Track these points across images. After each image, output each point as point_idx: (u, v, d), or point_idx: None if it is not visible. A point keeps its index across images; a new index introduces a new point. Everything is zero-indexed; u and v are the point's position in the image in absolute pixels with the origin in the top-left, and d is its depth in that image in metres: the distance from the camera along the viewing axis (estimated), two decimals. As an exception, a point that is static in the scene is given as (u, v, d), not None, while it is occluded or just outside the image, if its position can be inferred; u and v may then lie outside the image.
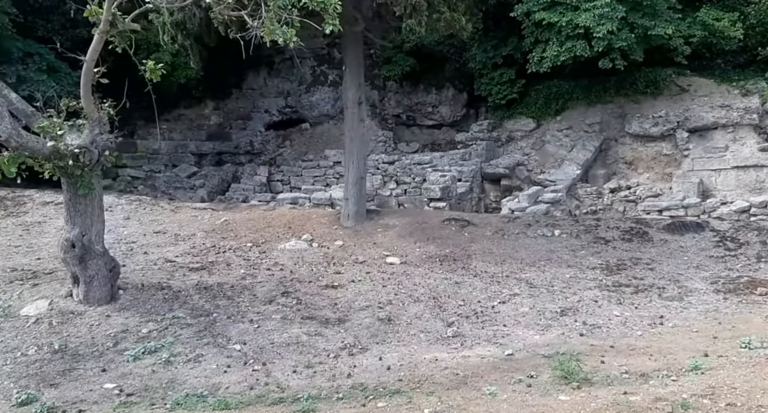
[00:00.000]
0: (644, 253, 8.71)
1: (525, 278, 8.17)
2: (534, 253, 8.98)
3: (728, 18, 16.05)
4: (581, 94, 18.10)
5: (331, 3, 5.64)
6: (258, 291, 7.94)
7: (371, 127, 19.49)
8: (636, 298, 7.28)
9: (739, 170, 15.03)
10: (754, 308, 6.59)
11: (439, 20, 9.42)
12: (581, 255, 8.85)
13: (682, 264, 8.19)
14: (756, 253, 8.23)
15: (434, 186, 14.40)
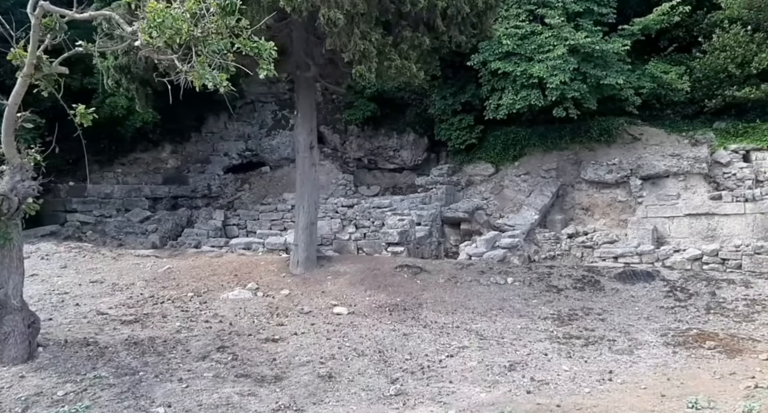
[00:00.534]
0: (596, 303, 8.57)
1: (475, 329, 7.89)
2: (486, 302, 8.75)
3: (675, 71, 16.77)
4: (538, 140, 18.46)
5: (265, 48, 5.51)
6: (192, 346, 7.42)
7: (331, 170, 19.39)
8: (586, 351, 7.06)
9: (691, 218, 15.31)
10: (703, 363, 6.43)
11: (390, 68, 9.45)
12: (533, 304, 8.65)
13: (633, 315, 8.06)
14: (705, 304, 8.16)
15: (392, 230, 14.18)
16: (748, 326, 7.28)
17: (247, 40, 5.44)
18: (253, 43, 5.48)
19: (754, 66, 15.44)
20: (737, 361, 6.35)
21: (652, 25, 17.01)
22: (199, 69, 5.34)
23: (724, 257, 12.34)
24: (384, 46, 9.42)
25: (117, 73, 9.33)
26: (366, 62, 8.77)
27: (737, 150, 15.79)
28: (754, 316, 7.64)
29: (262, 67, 5.58)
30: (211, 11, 5.19)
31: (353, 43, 8.54)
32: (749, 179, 15.42)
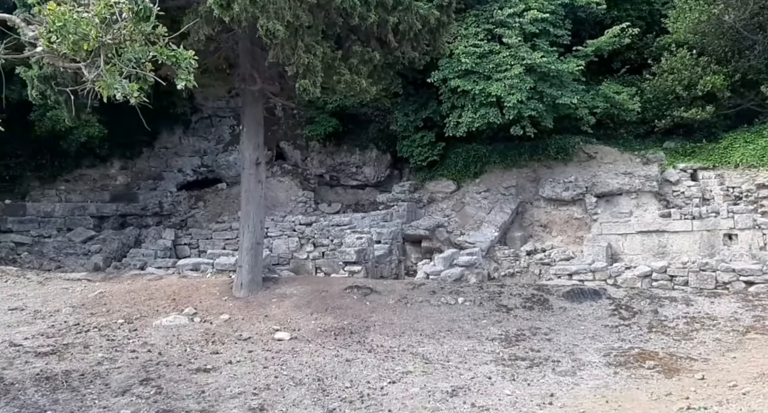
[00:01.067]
0: (544, 322, 8.37)
1: (422, 352, 7.54)
2: (435, 323, 8.43)
3: (627, 92, 17.06)
4: (498, 158, 18.48)
5: (184, 57, 5.12)
6: (112, 379, 6.82)
7: (291, 187, 18.94)
8: (530, 373, 6.79)
9: (643, 235, 15.42)
10: (642, 383, 6.25)
11: (339, 82, 9.17)
12: (482, 325, 8.39)
13: (578, 334, 7.88)
14: (648, 322, 8.05)
15: (349, 249, 13.80)
16: (687, 344, 7.17)
17: (163, 48, 5.05)
18: (170, 51, 5.09)
19: (700, 88, 15.83)
20: (674, 381, 6.20)
21: (604, 46, 17.32)
22: (107, 78, 4.91)
23: (672, 273, 12.40)
24: (333, 60, 9.16)
25: (41, 83, 8.74)
26: (311, 76, 8.47)
27: (685, 169, 16.09)
28: (692, 334, 7.54)
29: (181, 78, 5.19)
30: (124, 17, 4.79)
31: (297, 57, 8.24)
32: (696, 197, 15.69)
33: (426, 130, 18.87)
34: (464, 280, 13.29)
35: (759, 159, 15.43)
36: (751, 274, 11.79)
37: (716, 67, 16.19)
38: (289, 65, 8.46)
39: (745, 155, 15.70)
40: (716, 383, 5.79)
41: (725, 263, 12.06)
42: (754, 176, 15.26)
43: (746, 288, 11.78)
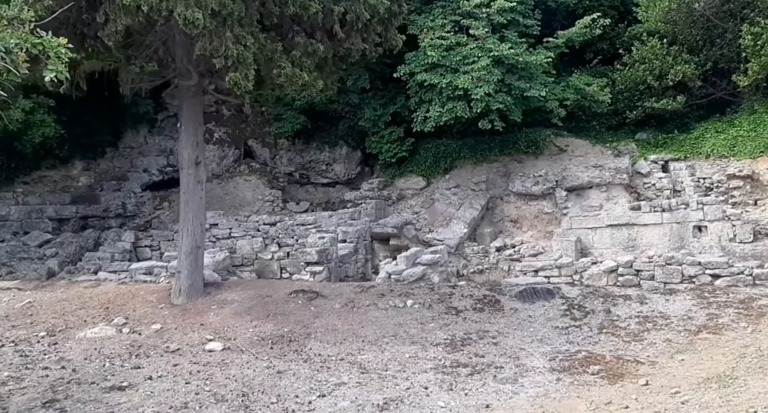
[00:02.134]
0: (493, 324, 7.89)
1: (360, 361, 7.01)
2: (381, 328, 7.92)
3: (597, 83, 16.53)
4: (468, 152, 17.91)
5: (52, 45, 4.52)
6: (13, 402, 6.23)
7: (258, 186, 18.32)
8: (470, 381, 6.29)
9: (613, 229, 14.93)
10: (583, 390, 5.77)
11: (280, 76, 8.54)
12: (429, 329, 7.89)
13: (527, 337, 7.40)
14: (599, 323, 7.56)
15: (311, 249, 13.23)
16: (636, 346, 6.72)
17: (27, 34, 4.43)
18: (36, 39, 4.48)
19: (671, 78, 15.34)
20: (617, 388, 5.72)
21: (575, 37, 16.77)
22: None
23: (638, 268, 11.95)
24: (273, 53, 8.53)
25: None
26: (242, 69, 7.86)
27: (656, 160, 15.61)
28: (643, 335, 7.09)
29: (49, 68, 4.58)
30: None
31: (225, 48, 7.63)
32: (667, 189, 15.21)
33: (395, 125, 18.33)
34: (426, 279, 12.73)
35: (730, 149, 14.97)
36: (717, 267, 11.36)
37: (687, 57, 15.70)
38: (216, 57, 7.83)
39: (716, 145, 15.25)
40: (659, 389, 5.31)
41: (691, 257, 11.63)
42: (724, 167, 14.81)
43: (712, 282, 11.37)
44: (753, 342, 5.88)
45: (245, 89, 8.07)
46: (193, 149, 9.57)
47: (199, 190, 9.58)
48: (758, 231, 13.52)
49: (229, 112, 20.18)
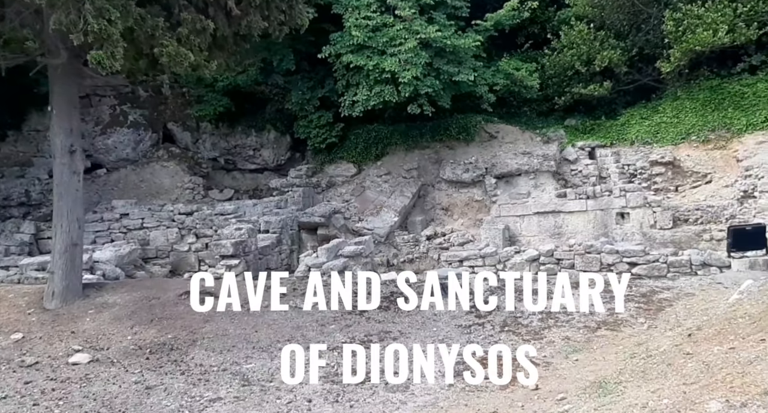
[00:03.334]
0: (397, 324, 7.47)
1: (245, 370, 6.43)
2: (277, 331, 7.36)
3: (526, 68, 16.23)
4: (399, 139, 17.39)
5: None
6: None
7: (177, 172, 17.19)
8: (358, 391, 5.84)
9: (540, 216, 14.87)
10: (473, 398, 5.44)
11: (162, 54, 7.64)
12: (329, 331, 7.39)
13: (429, 337, 7.07)
14: (503, 320, 7.28)
15: (226, 241, 12.38)
16: (535, 345, 6.49)
17: None
18: None
19: (597, 64, 15.27)
20: (507, 393, 5.43)
21: (504, 20, 16.39)
22: None
23: (559, 257, 11.89)
24: (154, 29, 7.59)
25: None
26: (109, 47, 6.93)
27: (584, 147, 15.59)
28: (544, 333, 6.86)
29: None
30: None
31: (84, 22, 6.67)
32: (593, 176, 15.25)
33: (323, 109, 17.53)
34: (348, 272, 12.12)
35: (653, 136, 15.12)
36: (634, 255, 11.42)
37: (614, 42, 15.66)
38: (75, 33, 6.88)
39: (641, 131, 15.36)
40: (547, 395, 5.03)
41: (609, 246, 11.64)
42: (648, 153, 14.96)
43: (629, 269, 11.37)
44: (647, 339, 5.71)
45: (112, 69, 7.17)
46: (67, 135, 8.56)
47: (76, 181, 8.62)
48: (678, 217, 13.75)
49: (146, 92, 18.77)
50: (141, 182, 16.92)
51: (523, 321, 7.22)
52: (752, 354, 3.66)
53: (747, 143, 13.07)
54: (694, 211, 13.34)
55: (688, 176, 14.43)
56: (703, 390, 3.36)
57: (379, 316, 7.71)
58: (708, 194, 13.51)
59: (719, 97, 14.09)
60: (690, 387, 3.52)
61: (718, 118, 13.85)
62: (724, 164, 13.55)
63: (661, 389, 3.77)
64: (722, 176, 13.49)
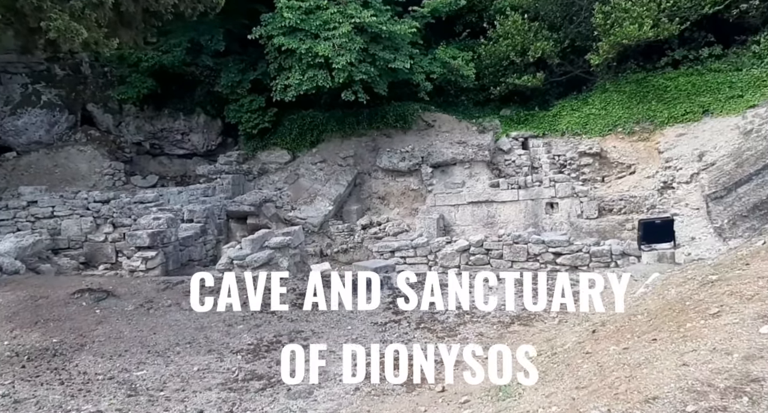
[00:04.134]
0: (310, 323, 7.16)
1: (134, 379, 5.90)
2: (178, 334, 6.87)
3: (463, 57, 16.12)
4: (336, 125, 16.94)
5: None
6: None
7: (95, 157, 16.10)
8: (257, 399, 5.48)
9: (474, 206, 14.90)
10: (377, 402, 5.23)
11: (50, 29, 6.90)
12: (235, 332, 6.96)
13: (343, 336, 6.79)
14: (420, 316, 7.08)
15: (141, 232, 11.56)
16: (447, 343, 6.27)
17: None
18: None
19: (531, 54, 15.34)
20: (413, 396, 5.25)
21: (440, 8, 16.20)
22: None
23: (488, 247, 11.93)
24: (41, 1, 6.79)
25: None
26: (-15, 18, 6.17)
27: (517, 137, 15.71)
28: (459, 329, 6.74)
29: None
30: None
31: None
32: (526, 166, 15.41)
33: (256, 93, 16.81)
34: (274, 264, 11.65)
35: (582, 127, 15.42)
36: (559, 245, 11.61)
37: (547, 33, 15.81)
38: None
39: (571, 122, 15.64)
40: (452, 397, 4.89)
41: (536, 236, 11.81)
42: (577, 144, 15.25)
43: (555, 259, 11.56)
44: (556, 335, 5.66)
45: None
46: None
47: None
48: (603, 207, 14.12)
49: (64, 71, 17.45)
50: (55, 167, 15.69)
51: (440, 317, 7.08)
52: (643, 355, 3.61)
53: (668, 135, 13.54)
54: (618, 201, 13.74)
55: (613, 166, 14.85)
56: (591, 395, 3.27)
57: (292, 314, 7.39)
58: (631, 184, 13.95)
59: (644, 91, 14.52)
60: (580, 393, 3.44)
61: (643, 110, 14.28)
62: (647, 155, 14.01)
63: (555, 393, 3.69)
64: (645, 167, 13.94)
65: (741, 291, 4.01)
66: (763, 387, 2.79)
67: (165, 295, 7.87)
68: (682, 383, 2.91)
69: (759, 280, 4.21)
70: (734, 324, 3.51)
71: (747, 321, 3.48)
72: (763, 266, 4.67)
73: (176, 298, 7.79)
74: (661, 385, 2.97)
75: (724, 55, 14.39)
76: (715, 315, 3.75)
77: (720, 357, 3.10)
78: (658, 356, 3.44)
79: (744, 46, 14.39)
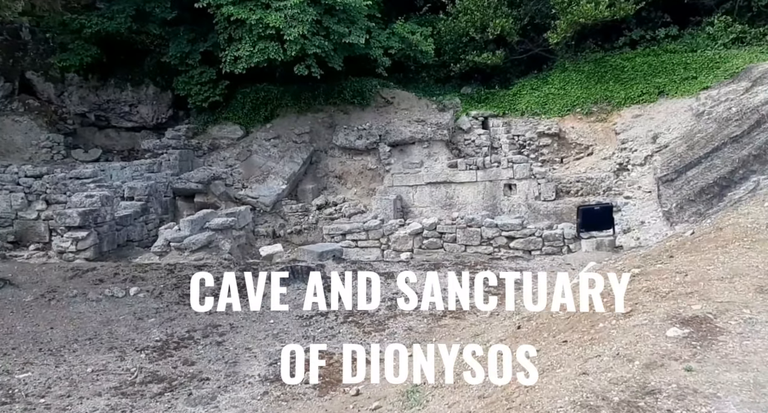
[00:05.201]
0: (230, 316, 6.69)
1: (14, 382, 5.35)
2: (79, 328, 6.38)
3: (421, 32, 15.56)
4: (290, 100, 16.30)
5: None
6: None
7: (32, 128, 15.16)
8: (151, 406, 5.01)
9: (432, 187, 14.61)
10: (285, 408, 4.85)
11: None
12: (144, 327, 6.56)
13: (263, 331, 6.41)
14: (349, 309, 6.70)
15: (72, 211, 10.82)
16: (375, 337, 5.97)
17: None
18: None
19: (491, 31, 14.88)
20: (324, 401, 4.92)
21: (400, -21, 15.42)
22: None
23: (441, 230, 11.60)
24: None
25: None
26: None
27: (477, 117, 15.39)
28: (388, 323, 6.42)
29: None
30: None
31: None
32: (485, 146, 15.14)
33: (206, 65, 15.96)
34: (214, 247, 11.14)
35: (542, 107, 15.18)
36: (512, 229, 11.43)
37: (507, 10, 15.44)
38: None
39: (531, 102, 15.38)
40: (365, 402, 4.57)
41: (489, 219, 11.56)
42: (536, 124, 15.02)
43: (508, 243, 11.35)
44: (485, 329, 5.35)
45: None
46: None
47: None
48: (560, 189, 13.99)
49: (1, 36, 16.17)
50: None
51: (370, 309, 6.68)
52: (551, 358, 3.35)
53: (624, 116, 13.41)
54: (575, 183, 13.61)
55: (572, 147, 14.69)
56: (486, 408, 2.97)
57: (212, 306, 6.86)
58: (589, 166, 13.82)
59: (602, 71, 14.32)
60: (479, 404, 3.15)
61: (601, 91, 14.10)
62: (604, 136, 13.86)
63: (458, 403, 3.39)
64: (602, 148, 13.81)
65: (657, 287, 3.78)
66: (657, 400, 2.57)
67: (71, 284, 7.39)
68: (577, 395, 2.66)
69: (677, 275, 3.98)
70: (643, 325, 3.27)
71: (656, 323, 3.25)
72: (685, 260, 4.46)
73: (84, 287, 7.30)
74: (555, 398, 2.71)
75: (680, 36, 14.25)
76: (627, 314, 3.51)
77: (621, 364, 2.86)
78: (564, 361, 3.19)
79: (699, 28, 14.26)
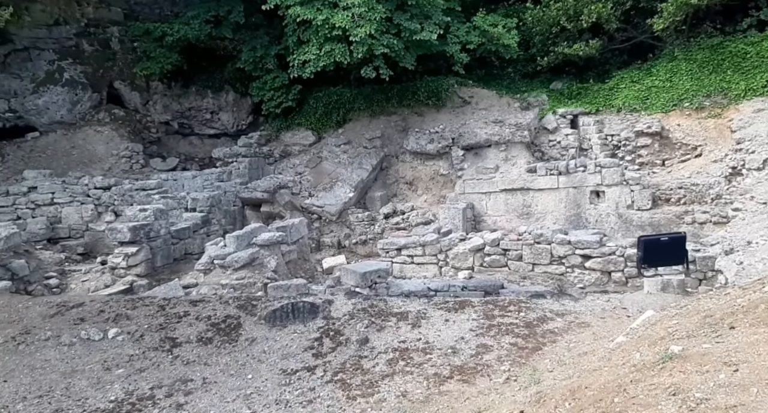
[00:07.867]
0: (208, 367, 6.41)
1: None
2: (35, 381, 6.05)
3: (505, 24, 15.05)
4: (364, 103, 16.62)
5: None
6: None
7: (112, 138, 16.82)
8: None
9: (508, 194, 14.14)
10: None
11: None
12: (109, 380, 6.14)
13: (235, 390, 5.94)
14: (343, 361, 6.25)
15: (122, 226, 11.15)
16: (358, 406, 5.41)
17: None
18: None
19: (584, 19, 13.98)
20: None
21: (480, -32, 15.12)
22: None
23: (505, 247, 11.19)
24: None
25: None
26: None
27: (565, 115, 14.64)
28: (381, 383, 5.75)
29: None
30: None
31: None
32: (573, 147, 14.34)
33: (280, 69, 16.75)
34: (258, 265, 10.74)
35: (642, 102, 14.03)
36: (588, 246, 10.68)
37: (604, -6, 14.33)
38: None
39: (629, 97, 14.30)
40: None
41: (561, 235, 10.88)
42: (634, 122, 13.95)
43: (583, 263, 10.61)
44: (489, 405, 4.54)
45: None
46: None
47: None
48: (658, 197, 12.82)
49: (92, 47, 18.28)
50: (72, 148, 16.55)
51: (367, 363, 6.17)
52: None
53: (743, 111, 11.87)
54: (677, 189, 12.35)
55: (676, 148, 13.36)
56: None
57: (192, 354, 6.64)
58: (695, 169, 12.46)
59: (719, 58, 12.83)
60: None
61: (716, 81, 12.63)
62: (717, 135, 12.40)
63: None
64: (713, 148, 12.38)
65: (689, 389, 2.55)
66: None
67: (49, 324, 7.13)
68: None
69: (723, 368, 2.71)
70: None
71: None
72: (745, 339, 3.21)
73: (60, 328, 7.02)
74: None
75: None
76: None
77: None
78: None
79: None
